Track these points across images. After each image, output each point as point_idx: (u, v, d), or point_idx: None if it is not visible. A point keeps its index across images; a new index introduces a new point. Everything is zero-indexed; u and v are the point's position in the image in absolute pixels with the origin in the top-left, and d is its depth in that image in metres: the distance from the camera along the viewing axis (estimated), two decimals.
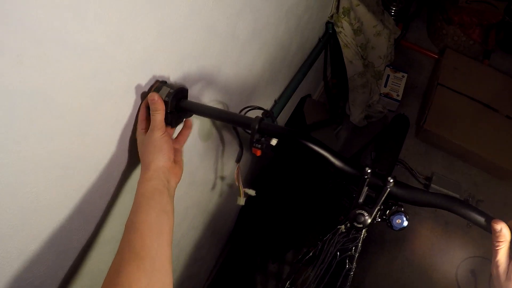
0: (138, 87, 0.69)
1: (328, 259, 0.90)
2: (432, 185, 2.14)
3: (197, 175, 1.18)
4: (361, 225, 0.65)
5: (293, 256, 1.98)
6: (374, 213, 0.65)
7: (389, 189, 0.64)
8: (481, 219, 0.58)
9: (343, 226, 0.88)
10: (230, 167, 1.41)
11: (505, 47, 2.80)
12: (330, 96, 2.49)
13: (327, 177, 1.73)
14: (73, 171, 0.64)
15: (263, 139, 0.69)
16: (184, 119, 0.78)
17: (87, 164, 0.66)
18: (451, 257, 2.05)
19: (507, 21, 2.70)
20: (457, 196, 2.11)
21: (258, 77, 1.27)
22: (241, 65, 1.09)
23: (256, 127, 0.67)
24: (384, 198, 0.65)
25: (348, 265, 0.89)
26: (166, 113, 0.69)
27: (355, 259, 0.88)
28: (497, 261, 0.55)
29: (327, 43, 1.91)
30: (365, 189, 0.66)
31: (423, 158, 2.36)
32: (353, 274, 0.91)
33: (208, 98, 0.98)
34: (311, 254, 0.93)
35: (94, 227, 0.78)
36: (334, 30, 1.84)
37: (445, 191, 2.10)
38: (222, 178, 1.39)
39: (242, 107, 1.06)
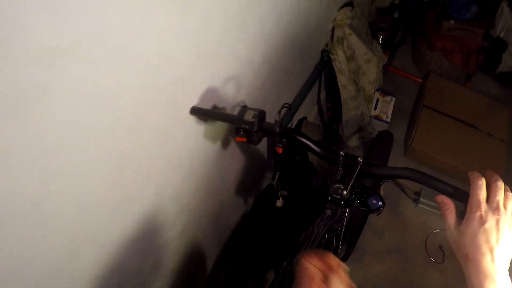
0: (177, 100, 0.84)
1: (317, 239, 1.03)
2: (421, 199, 2.30)
3: (214, 184, 1.33)
4: (339, 196, 0.78)
5: None
6: (349, 186, 0.78)
7: (359, 166, 0.80)
8: (436, 185, 0.73)
9: (329, 211, 1.02)
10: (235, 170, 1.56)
11: (484, 70, 3.03)
12: (323, 118, 2.66)
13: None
14: (126, 169, 0.78)
15: (284, 140, 0.85)
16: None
17: (139, 167, 0.81)
18: (443, 265, 2.19)
19: (486, 46, 2.94)
20: None
21: (266, 98, 1.43)
22: (255, 86, 1.25)
23: (277, 130, 0.83)
24: (356, 175, 0.79)
25: (335, 243, 1.02)
26: (253, 132, 0.82)
27: (341, 237, 1.00)
28: (447, 227, 0.68)
29: (322, 69, 2.08)
30: (341, 168, 0.81)
31: None
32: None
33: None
34: (303, 236, 1.05)
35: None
36: (329, 58, 2.02)
37: (433, 204, 2.26)
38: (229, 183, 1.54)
39: None
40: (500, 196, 0.64)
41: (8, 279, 0.61)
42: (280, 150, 0.87)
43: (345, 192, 0.78)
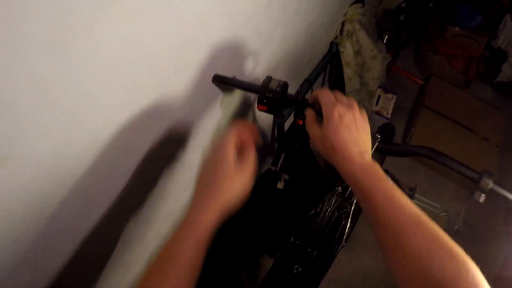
0: (203, 64, 0.86)
1: (327, 216, 1.06)
2: (416, 195, 2.35)
3: None
4: None
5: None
6: None
7: (377, 143, 0.83)
8: (450, 163, 0.78)
9: (340, 188, 1.06)
10: None
11: (483, 78, 3.09)
12: None
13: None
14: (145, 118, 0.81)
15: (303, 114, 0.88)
16: None
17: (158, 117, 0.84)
18: None
19: (487, 55, 3.01)
20: (438, 206, 2.34)
21: None
22: (270, 66, 1.29)
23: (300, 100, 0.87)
24: (373, 152, 0.84)
25: (344, 220, 1.05)
26: (275, 101, 0.83)
27: (350, 215, 1.04)
28: (312, 135, 0.72)
29: (330, 61, 2.12)
30: None
31: (408, 172, 2.58)
32: (343, 246, 1.05)
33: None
34: (312, 212, 1.08)
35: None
36: (337, 50, 2.06)
37: (428, 200, 2.32)
38: None
39: None
40: (344, 96, 0.71)
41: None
42: (300, 122, 0.89)
43: None
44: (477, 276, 0.49)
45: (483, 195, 0.81)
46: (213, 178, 0.64)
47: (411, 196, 2.40)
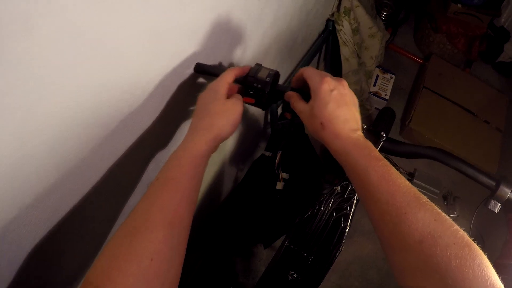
0: (183, 52, 0.74)
1: (325, 218, 0.97)
2: (415, 180, 2.26)
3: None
4: None
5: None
6: None
7: (382, 142, 0.73)
8: (462, 167, 0.69)
9: (338, 187, 0.96)
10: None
11: (486, 58, 2.98)
12: None
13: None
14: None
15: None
16: None
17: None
18: None
19: (490, 34, 2.89)
20: (437, 191, 2.25)
21: (269, 64, 1.35)
22: (260, 49, 1.17)
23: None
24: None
25: (343, 223, 0.96)
26: (264, 93, 0.74)
27: (350, 217, 0.95)
28: (300, 112, 0.68)
29: (326, 39, 2.00)
30: None
31: None
32: (342, 250, 0.97)
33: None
34: (309, 213, 0.99)
35: None
36: (334, 28, 1.93)
37: (427, 186, 2.23)
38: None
39: None
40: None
41: None
42: (289, 116, 0.79)
43: None
44: (484, 263, 0.45)
45: (499, 204, 0.71)
46: (208, 106, 0.67)
47: (410, 181, 2.31)
